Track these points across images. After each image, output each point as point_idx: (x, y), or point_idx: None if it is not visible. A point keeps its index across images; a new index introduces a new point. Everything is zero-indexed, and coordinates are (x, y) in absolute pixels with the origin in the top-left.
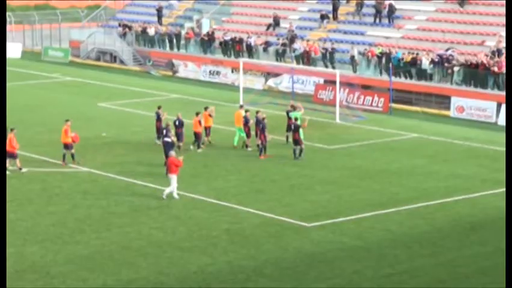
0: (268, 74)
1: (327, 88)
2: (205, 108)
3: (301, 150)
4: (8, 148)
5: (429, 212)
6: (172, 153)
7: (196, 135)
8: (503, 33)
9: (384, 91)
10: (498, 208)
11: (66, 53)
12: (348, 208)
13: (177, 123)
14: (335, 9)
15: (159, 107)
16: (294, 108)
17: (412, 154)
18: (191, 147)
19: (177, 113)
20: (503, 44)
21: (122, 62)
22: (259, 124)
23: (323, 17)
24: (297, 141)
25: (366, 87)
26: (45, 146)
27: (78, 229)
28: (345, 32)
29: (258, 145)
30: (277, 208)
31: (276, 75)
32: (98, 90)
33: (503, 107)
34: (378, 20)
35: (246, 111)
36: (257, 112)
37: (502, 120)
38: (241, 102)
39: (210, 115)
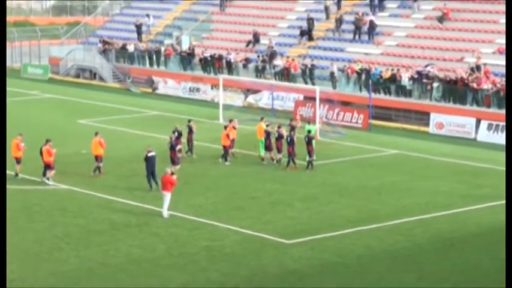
0: (248, 91)
1: (307, 104)
2: (230, 121)
3: (310, 163)
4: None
5: (409, 228)
6: (168, 170)
7: (224, 149)
8: (482, 50)
9: (364, 107)
10: (479, 224)
11: (45, 70)
12: (328, 225)
13: (176, 134)
14: (310, 30)
15: (189, 121)
16: (308, 121)
17: (392, 170)
18: (219, 160)
19: (175, 125)
20: (483, 60)
21: (101, 78)
22: (281, 139)
23: (302, 33)
24: (310, 153)
25: (346, 104)
26: (25, 163)
27: (57, 247)
28: (325, 49)
29: (272, 159)
30: (257, 225)
31: (256, 91)
32: (78, 107)
33: (483, 123)
34: (357, 37)
35: (267, 125)
36: (279, 127)
37: (481, 136)
38: (260, 119)
39: (234, 127)
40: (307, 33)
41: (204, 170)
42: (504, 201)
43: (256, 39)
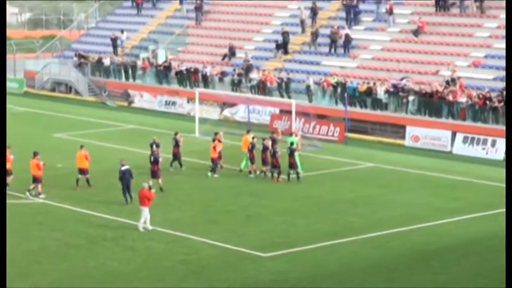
0: (224, 104)
1: (283, 118)
2: (215, 134)
3: (298, 174)
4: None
5: (385, 241)
6: (145, 185)
7: (213, 161)
8: (457, 63)
9: (340, 121)
10: (454, 236)
11: (21, 84)
12: (305, 238)
13: (154, 146)
14: (285, 43)
15: (176, 133)
16: (291, 133)
17: (368, 183)
18: (208, 173)
19: (152, 138)
20: (458, 74)
21: (77, 92)
22: (266, 150)
23: (278, 47)
24: (292, 165)
25: (322, 117)
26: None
27: (35, 261)
28: (301, 62)
29: (262, 171)
30: (233, 238)
31: (232, 105)
32: (53, 121)
33: (458, 136)
34: (333, 50)
35: (253, 137)
36: (264, 139)
37: (456, 149)
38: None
39: (219, 140)
40: (282, 46)
41: (179, 183)
42: (480, 214)
43: (232, 52)
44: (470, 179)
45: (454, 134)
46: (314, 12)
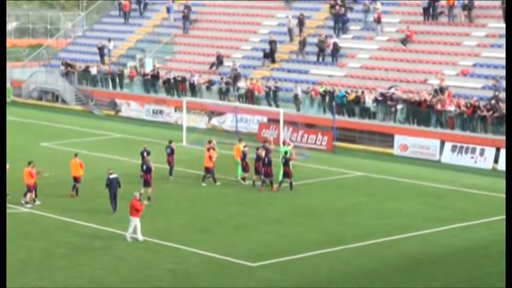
0: (212, 113)
1: (271, 127)
2: (209, 142)
3: (291, 184)
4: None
5: (375, 250)
6: (136, 194)
7: (208, 171)
8: (446, 72)
9: (328, 129)
10: (445, 245)
11: (8, 93)
12: (293, 247)
13: (144, 154)
14: (272, 52)
15: (170, 142)
16: (283, 143)
17: (357, 192)
18: (203, 184)
19: (143, 145)
20: (446, 82)
21: (64, 101)
22: (259, 160)
23: (266, 55)
24: (286, 174)
25: (310, 126)
26: None
27: (19, 271)
28: (289, 71)
29: (254, 181)
30: (221, 248)
31: (220, 114)
32: (40, 130)
33: (447, 145)
34: (321, 59)
35: (245, 146)
36: (257, 149)
37: (445, 158)
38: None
39: (213, 149)
40: (270, 55)
41: (167, 192)
42: (469, 223)
43: (219, 61)
44: (459, 188)
45: (442, 143)
46: (301, 22)
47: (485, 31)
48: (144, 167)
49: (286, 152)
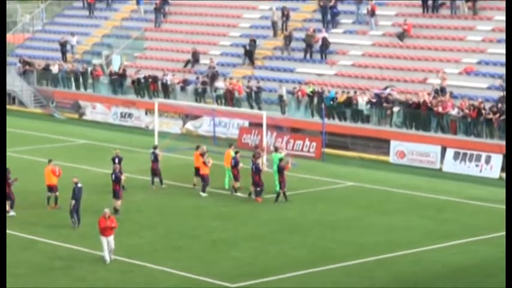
0: (187, 116)
1: (253, 132)
2: (197, 148)
3: (284, 194)
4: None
5: (367, 270)
6: (107, 211)
7: (203, 178)
8: (447, 70)
9: (316, 135)
10: (445, 264)
11: None
12: (276, 266)
13: (116, 160)
14: (251, 52)
15: (155, 147)
16: (276, 149)
17: (348, 205)
18: (202, 194)
19: (115, 151)
20: (448, 82)
21: (21, 103)
22: (252, 166)
23: (247, 52)
24: (281, 184)
25: (296, 131)
26: None
27: None
28: (272, 69)
29: (235, 189)
30: (197, 267)
31: (196, 117)
32: None
33: (448, 152)
34: (308, 56)
35: (236, 152)
36: (254, 156)
37: (447, 166)
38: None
39: (201, 154)
40: (249, 56)
41: (138, 205)
42: (474, 238)
43: (195, 58)
44: (462, 200)
45: (444, 150)
46: (286, 16)
47: (491, 24)
48: (113, 176)
49: (281, 159)
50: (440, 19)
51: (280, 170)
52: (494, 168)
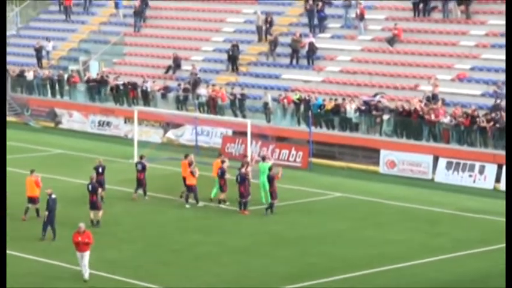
0: (168, 125)
1: (237, 141)
2: (186, 157)
3: (272, 205)
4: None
5: (356, 285)
6: (81, 226)
7: (192, 189)
8: (439, 76)
9: (303, 144)
10: (438, 279)
11: None
12: (260, 281)
13: (99, 170)
14: (234, 58)
15: (141, 157)
16: (263, 159)
17: (336, 217)
18: (200, 203)
19: (98, 160)
20: (440, 89)
21: None
22: (237, 176)
23: (231, 58)
24: (272, 195)
25: (282, 140)
26: None
27: None
28: (257, 75)
29: (224, 201)
30: (178, 282)
31: (177, 126)
32: None
33: (441, 162)
34: (295, 61)
35: (223, 161)
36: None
37: (439, 177)
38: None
39: (190, 164)
40: (231, 62)
41: (116, 217)
42: (467, 252)
43: (176, 64)
44: (455, 212)
45: (436, 159)
46: (269, 23)
47: (485, 29)
48: (90, 187)
49: (270, 169)
50: (432, 23)
51: (271, 180)
52: (488, 178)
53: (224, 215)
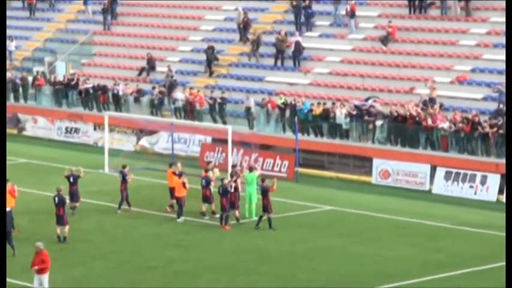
0: (141, 132)
1: (216, 149)
2: (170, 165)
3: (270, 220)
4: None
5: None
6: (39, 245)
7: (178, 201)
8: (437, 79)
9: (289, 152)
10: None
11: None
12: None
13: (71, 179)
14: (209, 62)
15: (124, 166)
16: (250, 169)
17: (326, 232)
18: (179, 219)
19: (72, 169)
20: (438, 92)
21: None
22: (236, 191)
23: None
24: (266, 208)
25: (266, 148)
26: None
27: None
28: (238, 78)
29: (214, 212)
30: None
31: (151, 133)
32: None
33: (439, 172)
34: (279, 63)
35: (207, 170)
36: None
37: (437, 188)
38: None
39: (174, 173)
40: (207, 66)
41: (85, 233)
42: (469, 269)
43: (151, 65)
44: (456, 226)
45: (433, 169)
46: (245, 23)
47: (487, 27)
48: (56, 199)
49: (263, 180)
50: (429, 21)
51: (264, 192)
52: (490, 189)
53: (204, 230)
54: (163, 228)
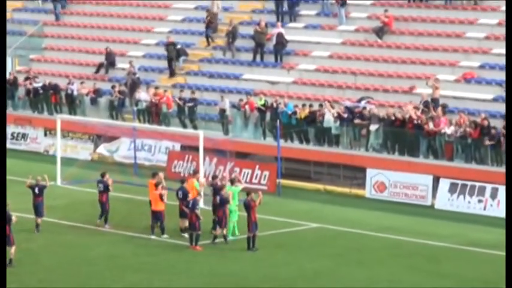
0: (99, 138)
1: (186, 157)
2: (153, 175)
3: (254, 238)
4: None
5: None
6: None
7: (157, 216)
8: (440, 76)
9: (270, 161)
10: None
11: None
12: None
13: (36, 190)
14: (170, 61)
15: (103, 175)
16: (232, 181)
17: (313, 253)
18: (153, 236)
19: (37, 177)
20: (441, 92)
21: None
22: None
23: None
24: (254, 224)
25: (243, 156)
26: None
27: None
28: (211, 76)
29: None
30: None
31: (111, 139)
32: None
33: (443, 183)
34: (259, 58)
35: (183, 181)
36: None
37: (440, 202)
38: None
39: (156, 185)
40: (168, 66)
41: (34, 254)
42: None
43: (110, 61)
44: (462, 246)
45: (436, 180)
46: (208, 24)
47: (497, 17)
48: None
49: (248, 194)
50: (431, 10)
51: (248, 208)
52: (502, 204)
53: (172, 250)
54: (123, 249)
